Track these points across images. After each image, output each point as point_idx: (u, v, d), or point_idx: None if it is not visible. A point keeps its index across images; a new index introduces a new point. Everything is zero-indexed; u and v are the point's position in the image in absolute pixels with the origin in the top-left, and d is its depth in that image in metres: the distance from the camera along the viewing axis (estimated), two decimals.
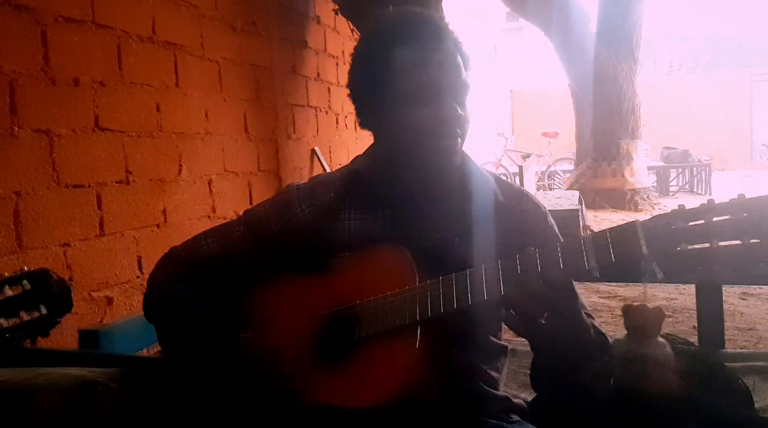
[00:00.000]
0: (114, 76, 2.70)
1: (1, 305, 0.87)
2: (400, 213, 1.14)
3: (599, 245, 0.90)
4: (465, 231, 1.11)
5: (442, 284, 0.99)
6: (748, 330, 3.34)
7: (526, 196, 1.20)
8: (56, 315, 0.92)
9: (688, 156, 10.92)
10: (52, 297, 0.91)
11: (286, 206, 1.19)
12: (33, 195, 2.29)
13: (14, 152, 2.22)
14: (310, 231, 1.16)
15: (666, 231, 0.86)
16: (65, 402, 1.18)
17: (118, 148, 2.72)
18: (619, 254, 0.89)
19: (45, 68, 2.35)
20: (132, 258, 2.79)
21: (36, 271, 0.91)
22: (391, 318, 1.02)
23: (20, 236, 2.23)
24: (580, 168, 8.88)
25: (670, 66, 22.96)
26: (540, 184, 10.28)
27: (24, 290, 0.89)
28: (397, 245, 1.07)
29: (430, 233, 1.12)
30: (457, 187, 1.15)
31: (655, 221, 0.88)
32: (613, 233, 0.90)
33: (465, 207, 1.13)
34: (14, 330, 0.87)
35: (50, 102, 2.37)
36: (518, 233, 1.09)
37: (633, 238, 0.88)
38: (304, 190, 1.21)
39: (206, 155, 3.39)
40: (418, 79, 1.07)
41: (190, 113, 3.25)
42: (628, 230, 0.89)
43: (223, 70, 3.56)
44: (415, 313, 1.00)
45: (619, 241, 0.89)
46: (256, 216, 1.22)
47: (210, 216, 3.35)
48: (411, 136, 1.09)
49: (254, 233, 1.20)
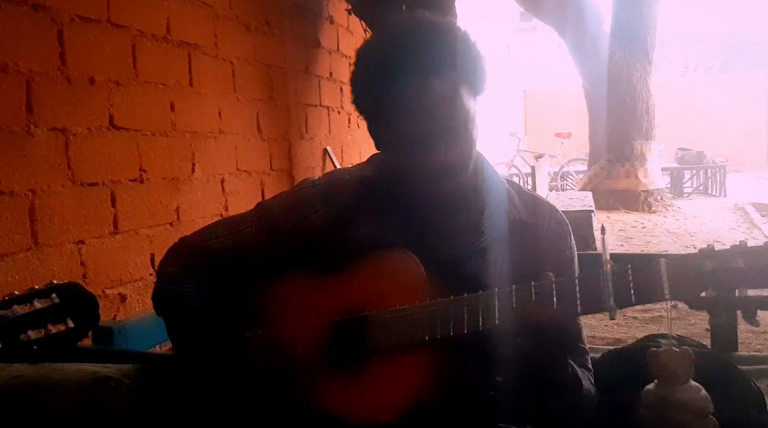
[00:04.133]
0: (129, 75, 2.72)
1: (30, 317, 0.89)
2: (413, 222, 1.11)
3: (620, 285, 0.88)
4: (481, 249, 1.08)
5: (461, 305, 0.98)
6: (762, 333, 3.31)
7: (548, 211, 1.16)
8: (83, 329, 0.93)
9: (703, 157, 10.82)
10: (80, 311, 0.93)
11: (300, 205, 1.17)
12: (48, 193, 2.31)
13: (30, 150, 2.24)
14: (323, 233, 1.14)
15: (693, 274, 0.83)
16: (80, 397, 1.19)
17: (132, 146, 2.74)
18: (640, 296, 0.86)
19: (61, 67, 2.37)
20: (145, 256, 2.81)
21: (65, 285, 0.93)
22: (405, 334, 1.00)
23: (36, 233, 2.26)
24: (593, 169, 8.84)
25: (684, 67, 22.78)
26: (552, 184, 10.24)
27: (53, 303, 0.91)
28: (410, 254, 1.05)
29: (445, 246, 1.09)
30: (473, 200, 1.12)
31: (681, 262, 0.84)
32: (635, 274, 0.87)
33: (482, 222, 1.10)
34: (41, 341, 0.89)
35: (66, 101, 2.39)
36: (534, 254, 1.06)
37: (655, 279, 0.85)
38: (319, 189, 1.18)
39: (219, 154, 3.41)
40: (408, 127, 1.02)
41: (203, 112, 3.27)
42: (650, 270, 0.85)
43: (236, 70, 3.58)
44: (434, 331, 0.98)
45: (641, 282, 0.86)
46: (270, 212, 1.20)
47: (223, 215, 3.37)
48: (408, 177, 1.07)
49: (266, 230, 1.18)
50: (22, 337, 0.87)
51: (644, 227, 7.19)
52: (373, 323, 1.04)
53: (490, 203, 1.12)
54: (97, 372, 1.25)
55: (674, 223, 7.56)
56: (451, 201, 1.09)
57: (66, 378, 1.22)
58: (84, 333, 0.93)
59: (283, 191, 1.24)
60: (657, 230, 7.00)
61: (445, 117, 1.02)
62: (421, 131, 1.02)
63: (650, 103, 8.37)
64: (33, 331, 0.88)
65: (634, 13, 8.19)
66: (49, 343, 0.89)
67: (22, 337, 0.87)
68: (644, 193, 8.44)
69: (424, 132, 1.02)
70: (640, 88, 8.22)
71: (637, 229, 7.08)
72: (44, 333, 0.89)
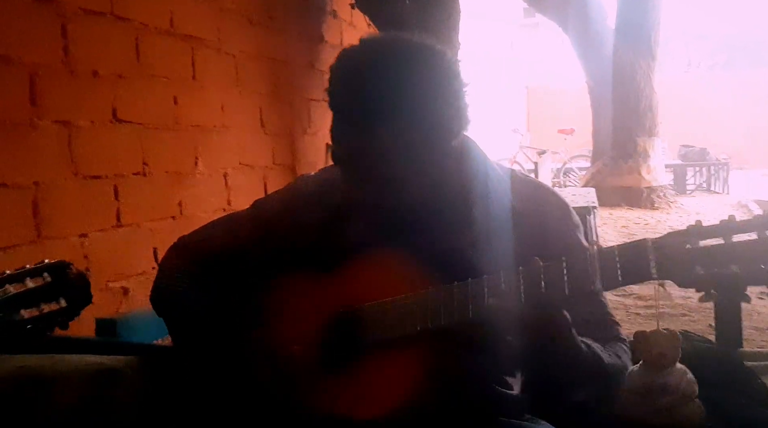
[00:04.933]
0: (132, 68, 2.72)
1: (23, 296, 0.88)
2: (407, 218, 1.09)
3: (606, 265, 0.86)
4: (477, 240, 1.06)
5: (451, 292, 0.96)
6: (766, 329, 3.31)
7: (546, 194, 1.14)
8: (76, 308, 0.92)
9: (706, 154, 10.80)
10: (72, 290, 0.92)
11: (294, 203, 1.17)
12: (52, 186, 2.31)
13: (34, 143, 2.24)
14: (317, 231, 1.14)
15: (679, 252, 0.81)
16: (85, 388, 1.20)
17: (135, 140, 2.74)
18: (627, 275, 0.84)
19: (65, 60, 2.37)
20: (148, 250, 2.81)
21: (56, 263, 0.92)
22: (398, 325, 1.00)
23: (39, 226, 2.26)
24: (596, 165, 8.83)
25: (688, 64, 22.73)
26: (555, 181, 10.22)
27: (45, 282, 0.90)
28: (404, 251, 1.04)
29: (439, 240, 1.07)
30: (465, 193, 1.10)
31: (667, 241, 0.82)
32: (621, 253, 0.85)
33: (475, 214, 1.08)
34: (35, 321, 0.88)
35: (69, 94, 2.39)
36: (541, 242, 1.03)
37: (642, 259, 0.83)
38: (314, 187, 1.18)
39: (222, 148, 3.41)
40: (363, 168, 1.01)
41: (206, 106, 3.26)
42: (638, 251, 0.84)
43: (240, 64, 3.57)
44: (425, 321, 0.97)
45: (627, 261, 0.84)
46: (265, 210, 1.20)
47: (225, 209, 3.37)
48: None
49: (262, 228, 1.18)
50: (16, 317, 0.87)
51: (647, 224, 7.18)
52: (366, 316, 1.04)
53: (485, 193, 1.09)
54: (102, 363, 1.25)
55: (677, 220, 7.55)
56: (434, 199, 1.07)
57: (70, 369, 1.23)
58: (77, 312, 0.93)
59: (278, 189, 1.24)
60: (659, 227, 6.99)
61: (402, 165, 0.99)
62: (374, 175, 1.00)
63: (654, 100, 8.35)
64: (26, 310, 0.87)
65: (638, 10, 8.15)
66: (43, 322, 0.89)
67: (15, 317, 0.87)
68: (647, 190, 8.42)
69: (377, 175, 1.00)
70: (644, 85, 8.19)
71: (640, 225, 7.07)
72: (38, 313, 0.88)
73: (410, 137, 0.98)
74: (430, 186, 1.04)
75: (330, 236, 1.12)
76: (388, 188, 1.02)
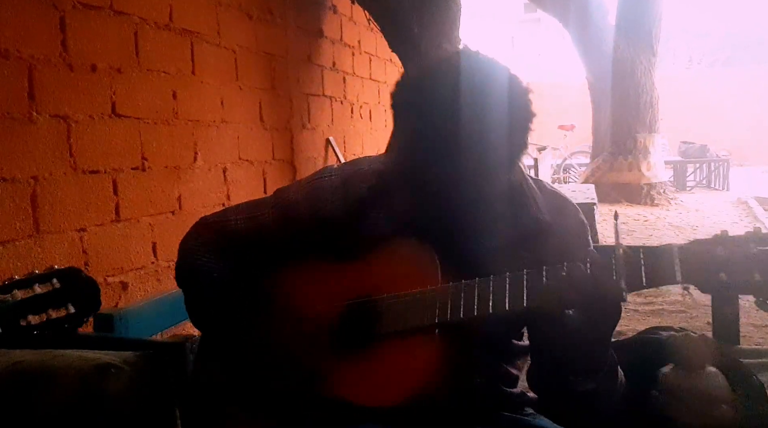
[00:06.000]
0: (131, 62, 2.71)
1: (30, 302, 0.88)
2: (433, 219, 1.10)
3: (632, 267, 0.87)
4: (499, 248, 1.07)
5: (466, 290, 0.98)
6: (763, 326, 3.31)
7: (570, 209, 1.15)
8: (84, 314, 0.92)
9: (706, 151, 10.78)
10: (81, 296, 0.92)
11: (318, 195, 1.17)
12: (50, 180, 2.31)
13: (32, 138, 2.24)
14: (339, 224, 1.14)
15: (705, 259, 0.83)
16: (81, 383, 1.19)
17: (134, 134, 2.73)
18: (651, 279, 0.86)
19: (63, 54, 2.37)
20: (147, 244, 2.81)
21: (65, 269, 0.92)
22: (412, 318, 1.01)
23: (37, 220, 2.26)
24: (596, 162, 8.82)
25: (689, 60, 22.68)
26: (555, 177, 10.21)
27: (53, 287, 0.90)
28: (426, 246, 1.05)
29: (464, 243, 1.08)
30: (497, 200, 1.10)
31: (694, 248, 0.84)
32: (647, 256, 0.87)
33: (501, 222, 1.09)
34: (42, 327, 0.88)
35: (68, 88, 2.38)
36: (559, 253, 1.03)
37: (668, 264, 0.85)
38: (338, 180, 1.18)
39: (221, 143, 3.40)
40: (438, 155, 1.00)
41: (205, 100, 3.26)
42: (663, 255, 0.86)
43: (239, 59, 3.57)
44: (435, 316, 0.99)
45: (652, 265, 0.86)
46: (288, 199, 1.21)
47: (225, 204, 3.37)
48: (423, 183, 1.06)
49: (284, 217, 1.19)
50: (22, 322, 0.87)
51: (646, 220, 7.17)
52: (383, 306, 1.05)
53: (513, 201, 1.11)
54: (99, 358, 1.25)
55: (676, 216, 7.55)
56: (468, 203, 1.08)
57: (67, 365, 1.22)
58: (85, 319, 0.93)
59: (303, 178, 1.25)
60: (659, 224, 6.98)
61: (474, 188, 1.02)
62: (447, 166, 1.00)
63: (654, 96, 8.33)
64: (33, 316, 0.87)
65: (638, 6, 8.13)
66: (50, 328, 0.89)
67: (22, 322, 0.87)
68: (647, 186, 8.41)
69: (449, 167, 1.00)
70: (644, 81, 8.18)
71: (640, 222, 7.06)
72: (45, 318, 0.89)
73: (490, 162, 1.01)
74: (479, 201, 1.06)
75: (350, 229, 1.13)
76: (447, 204, 1.04)
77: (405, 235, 1.09)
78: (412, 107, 1.03)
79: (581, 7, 8.00)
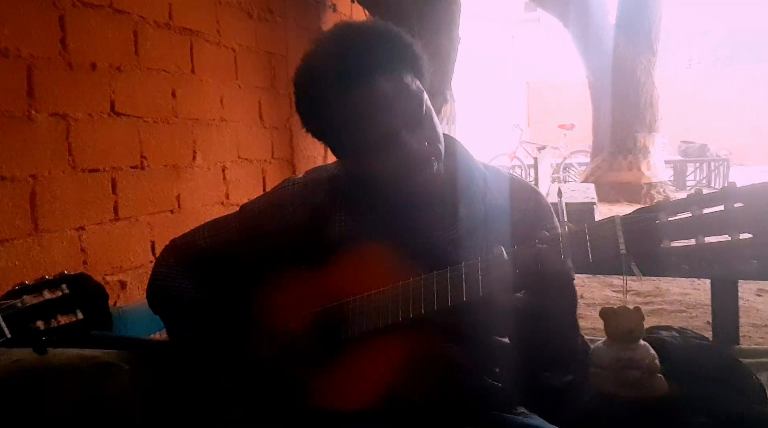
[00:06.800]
0: (130, 61, 2.71)
1: (39, 307, 0.89)
2: (389, 216, 1.11)
3: (578, 244, 0.87)
4: (458, 237, 1.08)
5: (425, 284, 0.98)
6: (763, 326, 3.31)
7: (527, 193, 1.14)
8: (92, 320, 0.93)
9: (706, 151, 10.79)
10: (90, 302, 0.93)
11: (280, 205, 1.20)
12: (49, 178, 2.31)
13: (31, 136, 2.23)
14: (302, 230, 1.16)
15: (648, 228, 0.81)
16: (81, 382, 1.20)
17: (133, 133, 2.73)
18: (597, 254, 0.85)
19: (62, 53, 2.36)
20: (146, 243, 2.81)
21: (75, 276, 0.93)
22: (376, 318, 1.01)
23: (36, 219, 2.25)
24: (595, 161, 8.82)
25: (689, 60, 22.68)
26: (555, 176, 10.22)
27: (62, 293, 0.91)
28: (386, 247, 1.07)
29: (419, 238, 1.09)
30: (448, 190, 1.11)
31: (636, 217, 0.83)
32: (591, 231, 0.86)
33: (457, 211, 1.10)
34: (50, 332, 0.89)
35: (67, 86, 2.38)
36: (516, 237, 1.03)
37: (611, 235, 0.83)
38: (298, 187, 1.20)
39: (221, 141, 3.40)
40: (370, 130, 1.02)
41: (205, 99, 3.26)
42: (606, 227, 0.84)
43: (238, 57, 3.56)
44: (398, 313, 0.99)
45: (597, 239, 0.85)
46: (252, 213, 1.23)
47: (224, 203, 3.36)
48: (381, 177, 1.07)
49: (249, 230, 1.21)
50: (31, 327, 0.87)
51: None
52: (348, 310, 1.06)
53: (464, 189, 1.11)
54: (98, 357, 1.25)
55: None
56: (421, 193, 1.09)
57: (67, 364, 1.23)
58: (93, 325, 0.93)
59: (265, 192, 1.28)
60: None
61: (410, 106, 1.03)
62: (381, 129, 1.02)
63: (654, 96, 8.33)
64: (42, 321, 0.88)
65: (639, 5, 8.13)
66: (58, 334, 0.90)
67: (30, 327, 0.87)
68: (647, 185, 8.41)
69: (384, 130, 1.02)
70: (645, 80, 8.18)
71: None
72: (53, 324, 0.89)
73: (396, 80, 1.04)
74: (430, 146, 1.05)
75: (313, 235, 1.15)
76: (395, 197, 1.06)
77: (365, 235, 1.10)
78: (318, 107, 1.08)
79: (581, 7, 8.00)
